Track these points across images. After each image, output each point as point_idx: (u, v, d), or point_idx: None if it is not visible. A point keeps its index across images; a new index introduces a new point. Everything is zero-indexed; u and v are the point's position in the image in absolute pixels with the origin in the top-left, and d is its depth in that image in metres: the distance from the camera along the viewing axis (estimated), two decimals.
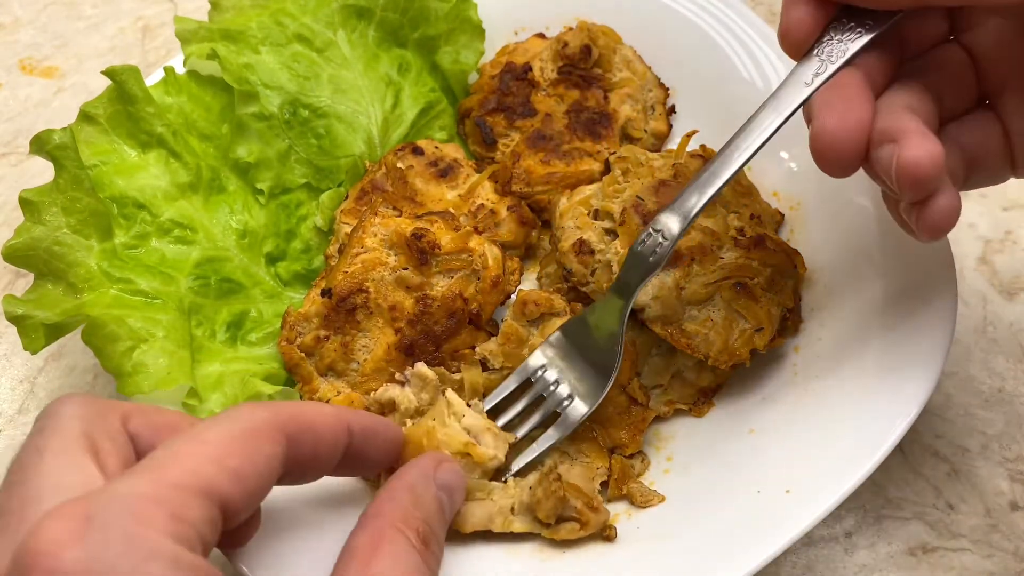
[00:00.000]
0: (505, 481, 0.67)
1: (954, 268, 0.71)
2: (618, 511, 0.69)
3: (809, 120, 0.59)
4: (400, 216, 0.76)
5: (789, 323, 0.75)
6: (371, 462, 0.60)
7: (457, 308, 0.72)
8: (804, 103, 0.60)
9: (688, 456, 0.72)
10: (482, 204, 0.81)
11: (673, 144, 0.88)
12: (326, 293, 0.72)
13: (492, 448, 0.65)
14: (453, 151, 0.84)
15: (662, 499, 0.69)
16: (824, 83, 0.59)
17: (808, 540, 0.72)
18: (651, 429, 0.74)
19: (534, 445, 0.69)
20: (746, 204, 0.78)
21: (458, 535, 0.65)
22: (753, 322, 0.72)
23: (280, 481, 0.52)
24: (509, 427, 0.69)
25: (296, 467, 0.53)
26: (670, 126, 0.89)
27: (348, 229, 0.77)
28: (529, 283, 0.82)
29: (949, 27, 0.63)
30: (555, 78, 0.87)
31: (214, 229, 0.77)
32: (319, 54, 0.84)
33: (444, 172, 0.82)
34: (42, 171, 0.92)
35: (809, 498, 0.63)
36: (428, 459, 0.60)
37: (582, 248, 0.74)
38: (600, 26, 0.90)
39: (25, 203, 0.69)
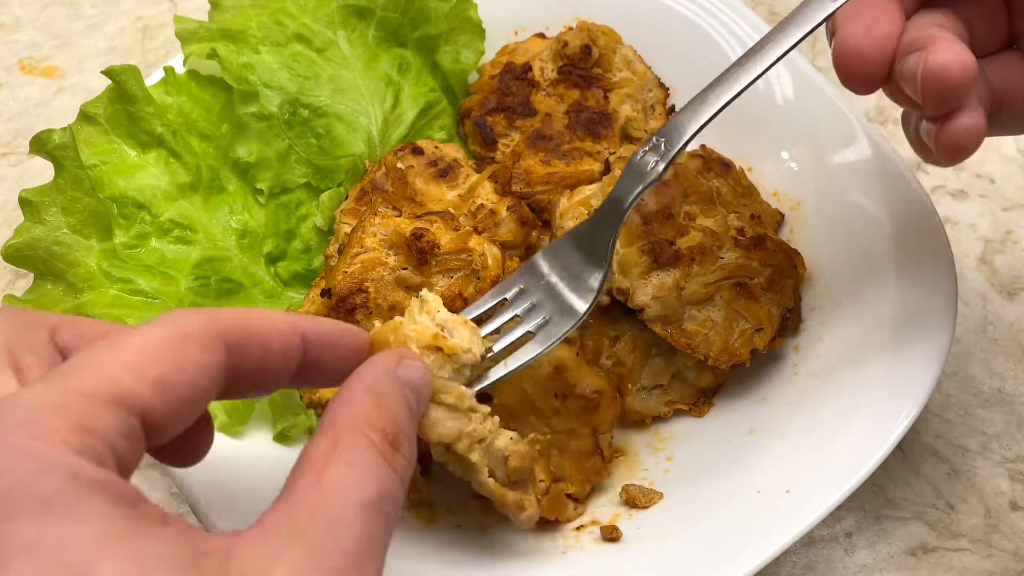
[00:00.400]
0: (477, 392, 0.60)
1: (954, 268, 0.71)
2: (618, 511, 0.69)
3: (832, 35, 0.57)
4: (400, 216, 0.76)
5: (789, 323, 0.75)
6: (332, 373, 0.53)
7: (457, 308, 0.72)
8: (830, 17, 0.57)
9: (688, 456, 0.72)
10: (482, 204, 0.81)
11: None
12: (326, 293, 0.72)
13: (467, 341, 0.59)
14: (453, 151, 0.84)
15: (661, 496, 0.69)
16: None
17: (808, 540, 0.72)
18: (651, 429, 0.74)
19: (515, 355, 0.63)
20: (746, 204, 0.78)
21: (453, 533, 0.65)
22: (753, 322, 0.72)
23: (226, 395, 0.47)
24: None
25: (242, 379, 0.47)
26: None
27: (348, 229, 0.77)
28: None
29: None
30: (555, 78, 0.87)
31: (214, 229, 0.77)
32: (319, 54, 0.84)
33: (444, 172, 0.82)
34: (42, 171, 0.92)
35: (809, 498, 0.63)
36: (388, 355, 0.53)
37: None
38: (600, 26, 0.89)
39: (25, 203, 0.69)
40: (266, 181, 0.79)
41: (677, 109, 0.89)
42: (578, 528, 0.68)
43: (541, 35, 0.92)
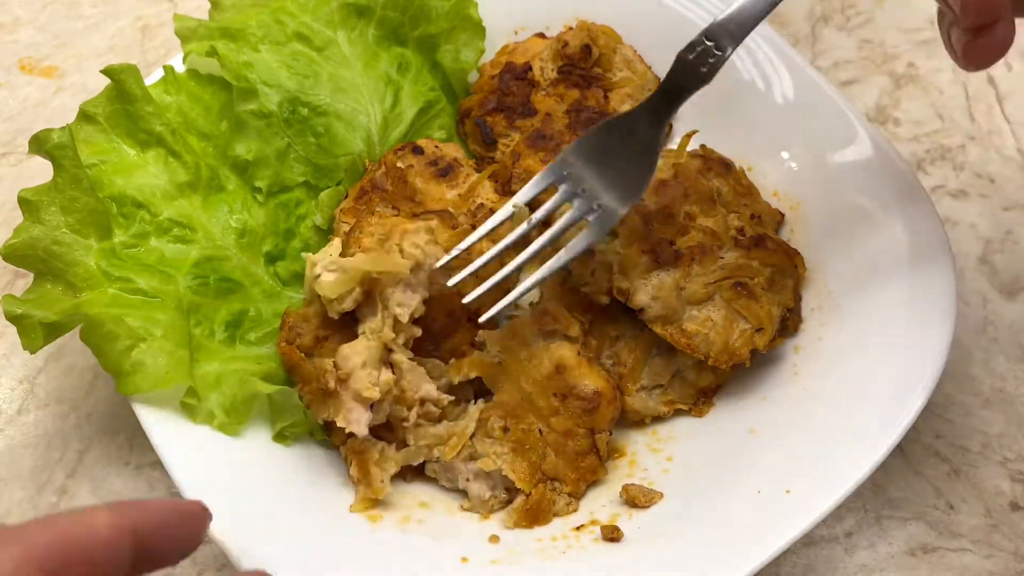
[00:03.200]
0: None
1: (954, 268, 0.71)
2: (618, 511, 0.68)
3: None
4: (398, 215, 0.76)
5: (789, 323, 0.75)
6: (174, 555, 0.50)
7: (455, 306, 0.72)
8: None
9: (688, 456, 0.72)
10: (482, 204, 0.80)
11: (673, 144, 0.88)
12: None
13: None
14: (453, 151, 0.84)
15: (661, 496, 0.69)
16: None
17: (808, 540, 0.72)
18: (651, 429, 0.74)
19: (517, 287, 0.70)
20: (746, 204, 0.78)
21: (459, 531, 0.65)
22: (753, 322, 0.72)
23: None
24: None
25: None
26: (670, 126, 0.89)
27: (348, 228, 0.77)
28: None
29: None
30: (555, 78, 0.87)
31: (213, 228, 0.77)
32: (319, 53, 0.84)
33: (444, 172, 0.81)
34: (41, 171, 0.91)
35: (809, 498, 0.63)
36: None
37: None
38: (600, 26, 0.89)
39: (24, 203, 0.69)
40: (265, 179, 0.79)
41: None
42: (578, 528, 0.68)
43: (541, 35, 0.92)
